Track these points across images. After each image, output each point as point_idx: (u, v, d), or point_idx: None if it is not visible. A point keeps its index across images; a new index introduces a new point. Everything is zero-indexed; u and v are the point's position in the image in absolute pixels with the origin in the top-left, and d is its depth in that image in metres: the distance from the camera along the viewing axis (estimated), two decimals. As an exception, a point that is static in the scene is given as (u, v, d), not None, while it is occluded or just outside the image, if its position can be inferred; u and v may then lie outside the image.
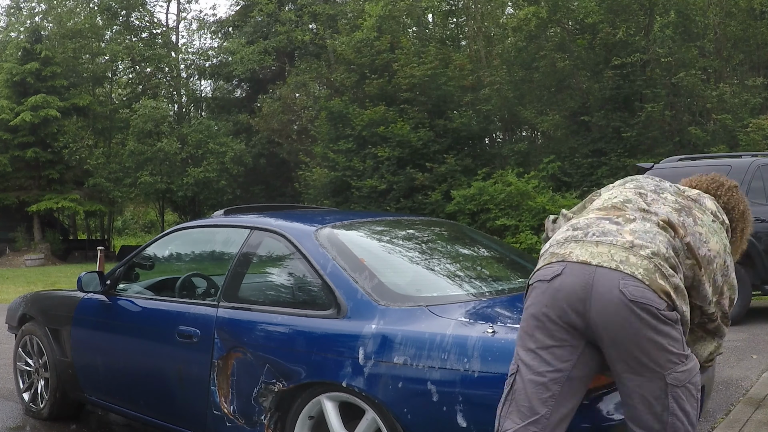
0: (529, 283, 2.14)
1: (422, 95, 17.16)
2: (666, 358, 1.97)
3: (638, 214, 2.15)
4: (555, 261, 2.07)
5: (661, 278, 1.98)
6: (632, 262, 1.98)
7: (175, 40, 27.71)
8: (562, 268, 2.03)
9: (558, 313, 2.00)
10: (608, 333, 1.96)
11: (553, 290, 2.02)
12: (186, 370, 3.19)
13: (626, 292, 1.94)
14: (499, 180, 15.18)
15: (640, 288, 1.94)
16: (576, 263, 2.02)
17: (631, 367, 1.99)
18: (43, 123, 23.76)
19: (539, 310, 2.03)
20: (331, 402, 2.66)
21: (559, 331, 2.00)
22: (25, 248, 24.63)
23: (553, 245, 2.17)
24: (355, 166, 17.15)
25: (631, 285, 1.95)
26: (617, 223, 2.12)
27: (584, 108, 15.60)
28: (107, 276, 3.87)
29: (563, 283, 2.01)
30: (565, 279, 2.01)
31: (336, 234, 3.09)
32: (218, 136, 23.76)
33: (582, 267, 2.01)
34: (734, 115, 14.00)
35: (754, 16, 15.65)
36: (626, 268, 1.97)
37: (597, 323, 1.96)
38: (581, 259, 2.02)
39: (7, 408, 4.55)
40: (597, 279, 1.97)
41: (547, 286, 2.04)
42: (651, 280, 1.96)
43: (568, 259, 2.04)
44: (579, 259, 2.02)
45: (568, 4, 15.73)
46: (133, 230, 44.42)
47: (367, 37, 18.02)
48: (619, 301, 1.94)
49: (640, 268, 1.97)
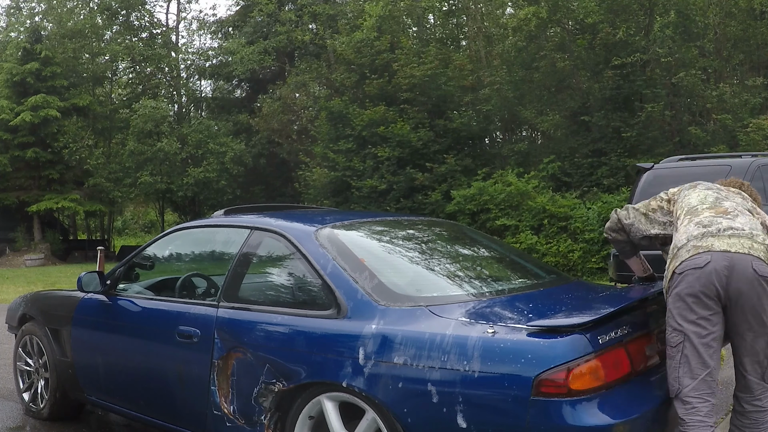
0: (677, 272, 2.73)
1: (422, 95, 17.15)
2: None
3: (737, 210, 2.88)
4: (702, 252, 2.71)
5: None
6: (756, 248, 2.70)
7: (175, 40, 27.70)
8: (710, 257, 2.68)
9: (711, 290, 2.65)
10: (744, 299, 2.64)
11: (707, 274, 2.66)
12: (186, 370, 3.19)
13: (758, 269, 2.65)
14: (499, 180, 15.17)
15: (764, 266, 2.66)
16: (719, 252, 2.69)
17: (752, 325, 2.68)
18: (43, 123, 23.75)
19: (696, 290, 2.66)
20: (331, 402, 2.66)
21: (712, 304, 2.66)
22: (25, 248, 24.61)
23: (692, 239, 2.80)
24: (355, 166, 17.15)
25: (760, 265, 2.66)
26: (729, 218, 2.83)
27: (584, 108, 15.59)
28: (107, 276, 3.87)
29: (714, 267, 2.66)
30: (715, 265, 2.66)
31: (336, 234, 3.09)
32: (218, 136, 23.75)
33: (724, 254, 2.68)
34: (734, 115, 13.99)
35: (754, 16, 15.64)
36: (754, 252, 2.68)
37: (735, 293, 2.64)
38: (722, 248, 2.70)
39: (7, 408, 4.55)
40: (735, 262, 2.66)
41: (701, 272, 2.68)
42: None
43: (713, 249, 2.71)
44: (721, 249, 2.69)
45: (568, 4, 15.72)
46: (133, 230, 44.38)
47: (367, 37, 18.01)
48: (753, 277, 2.64)
49: (761, 252, 2.70)
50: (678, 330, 2.68)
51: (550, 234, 13.79)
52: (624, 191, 13.43)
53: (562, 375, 2.24)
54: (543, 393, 2.24)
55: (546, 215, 13.91)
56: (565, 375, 2.24)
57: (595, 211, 13.35)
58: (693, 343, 2.65)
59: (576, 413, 2.24)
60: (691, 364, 2.64)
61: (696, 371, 2.64)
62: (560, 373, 2.24)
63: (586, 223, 13.29)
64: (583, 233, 13.26)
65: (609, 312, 2.47)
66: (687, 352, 2.65)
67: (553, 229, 13.79)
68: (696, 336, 2.65)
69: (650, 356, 2.70)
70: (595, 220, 13.17)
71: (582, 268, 13.08)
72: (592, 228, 13.13)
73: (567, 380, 2.24)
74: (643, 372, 2.62)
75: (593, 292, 3.26)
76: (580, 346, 2.32)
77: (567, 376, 2.24)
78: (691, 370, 2.64)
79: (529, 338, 2.34)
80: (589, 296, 3.14)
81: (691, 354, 2.65)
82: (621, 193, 13.52)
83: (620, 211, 3.20)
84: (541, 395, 2.24)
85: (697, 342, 2.65)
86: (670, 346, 2.69)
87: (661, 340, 2.78)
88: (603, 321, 2.44)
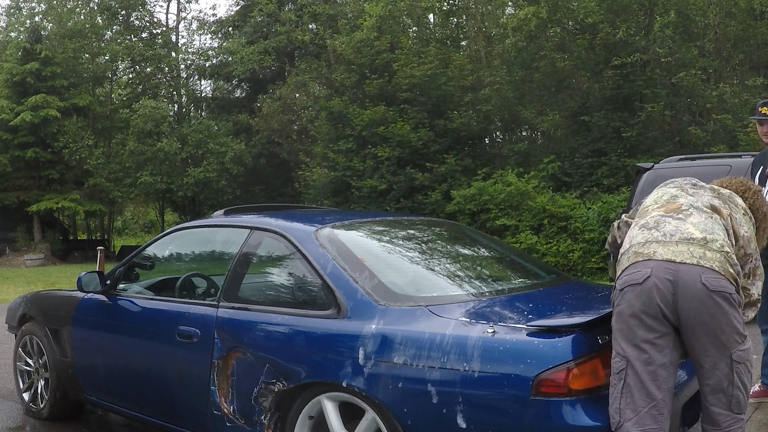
0: (617, 287, 2.41)
1: (422, 95, 17.15)
2: (733, 338, 2.34)
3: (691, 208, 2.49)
4: (641, 260, 2.38)
5: (731, 267, 2.36)
6: (709, 257, 2.34)
7: (175, 40, 27.70)
8: (650, 269, 2.34)
9: (653, 309, 2.31)
10: (694, 319, 2.30)
11: (647, 291, 2.32)
12: (186, 370, 3.19)
13: (707, 284, 2.29)
14: (499, 180, 15.17)
15: (718, 278, 2.30)
16: (662, 261, 2.34)
17: (708, 348, 2.33)
18: (43, 123, 23.75)
19: (637, 310, 2.33)
20: (331, 402, 2.66)
21: (656, 325, 2.32)
22: (25, 248, 24.61)
23: (634, 245, 2.46)
24: (355, 166, 17.15)
25: (711, 278, 2.30)
26: (679, 218, 2.46)
27: (584, 108, 15.59)
28: (107, 276, 3.87)
29: (654, 282, 2.32)
30: (655, 279, 2.32)
31: (336, 234, 3.09)
32: (218, 136, 23.75)
33: (668, 264, 2.33)
34: (734, 115, 13.99)
35: (754, 16, 15.63)
36: (705, 263, 2.32)
37: (684, 312, 2.30)
38: (666, 257, 2.35)
39: (7, 408, 4.55)
40: (681, 275, 2.31)
41: (640, 289, 2.33)
42: (725, 270, 2.33)
43: (654, 257, 2.36)
44: (664, 258, 2.35)
45: (568, 4, 15.71)
46: (133, 230, 44.38)
47: (367, 37, 18.01)
48: (702, 292, 2.28)
49: (716, 262, 2.33)
50: (621, 355, 2.34)
51: (550, 234, 13.79)
52: (624, 191, 13.42)
53: (562, 375, 2.24)
54: (543, 393, 2.24)
55: (546, 215, 13.91)
56: (565, 375, 2.24)
57: (595, 211, 13.35)
58: (636, 370, 2.31)
59: (576, 413, 2.24)
60: (633, 395, 2.30)
61: (639, 403, 2.29)
62: (560, 373, 2.24)
63: (586, 223, 13.29)
64: (583, 233, 13.26)
65: (609, 312, 2.47)
66: (630, 380, 2.30)
67: (553, 229, 13.79)
68: (640, 362, 2.31)
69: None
70: (595, 220, 13.17)
71: (582, 268, 13.08)
72: (592, 228, 13.13)
73: (567, 380, 2.24)
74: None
75: (593, 292, 3.26)
76: (580, 346, 2.32)
77: (567, 375, 2.24)
78: (633, 402, 2.29)
79: (529, 338, 2.34)
80: (589, 296, 3.14)
81: (634, 383, 2.30)
82: (621, 193, 13.52)
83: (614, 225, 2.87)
84: (541, 395, 2.24)
85: (641, 369, 2.30)
86: (614, 372, 2.35)
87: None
88: (603, 321, 2.44)
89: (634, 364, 2.31)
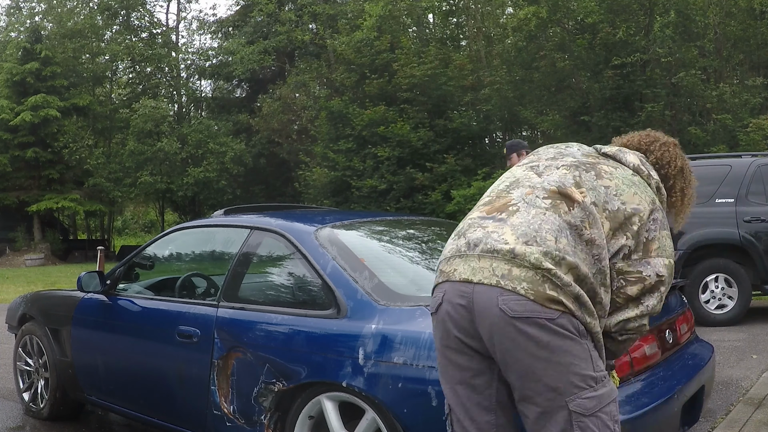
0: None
1: (422, 95, 17.16)
2: (567, 380, 1.72)
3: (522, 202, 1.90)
4: (441, 281, 1.90)
5: (551, 288, 1.74)
6: (515, 276, 1.75)
7: (175, 40, 27.73)
8: (443, 293, 1.87)
9: (454, 342, 1.85)
10: (499, 355, 1.78)
11: (441, 321, 1.87)
12: (186, 369, 3.19)
13: (506, 309, 1.73)
14: (499, 180, 15.17)
15: (522, 302, 1.73)
16: (457, 282, 1.84)
17: (527, 395, 1.77)
18: (43, 123, 23.77)
19: (440, 344, 1.90)
20: (331, 402, 2.66)
21: (465, 361, 1.85)
22: (25, 248, 24.62)
23: (441, 260, 1.96)
24: (355, 166, 17.16)
25: (511, 301, 1.74)
26: (500, 219, 1.87)
27: (584, 108, 15.59)
28: (107, 276, 3.87)
29: (446, 310, 1.85)
30: (448, 307, 1.84)
31: (336, 234, 3.09)
32: (218, 136, 23.77)
33: (462, 286, 1.82)
34: (734, 115, 13.99)
35: (754, 16, 15.63)
36: (507, 283, 1.75)
37: (488, 344, 1.79)
38: (463, 277, 1.83)
39: (7, 408, 4.55)
40: (476, 298, 1.79)
41: (436, 320, 1.90)
42: (536, 292, 1.74)
43: (452, 278, 1.86)
44: (461, 278, 1.83)
45: (568, 4, 15.72)
46: (133, 230, 44.40)
47: (367, 37, 18.02)
48: (500, 319, 1.74)
49: (523, 282, 1.74)
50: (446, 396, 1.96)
51: (550, 234, 13.76)
52: (624, 191, 13.40)
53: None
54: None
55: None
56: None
57: (595, 211, 13.33)
58: (458, 416, 1.89)
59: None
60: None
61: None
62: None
63: (586, 223, 13.27)
64: (583, 233, 13.24)
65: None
66: (455, 427, 1.92)
67: (553, 229, 13.77)
68: (458, 407, 1.89)
69: (651, 356, 2.70)
70: (595, 220, 13.15)
71: (582, 268, 13.06)
72: (592, 228, 13.11)
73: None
74: (643, 371, 2.62)
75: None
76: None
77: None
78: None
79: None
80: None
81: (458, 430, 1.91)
82: (621, 193, 13.50)
83: None
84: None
85: (461, 416, 1.88)
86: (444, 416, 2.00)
87: (662, 339, 2.77)
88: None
89: (455, 410, 1.90)
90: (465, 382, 1.86)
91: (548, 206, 1.86)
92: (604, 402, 1.76)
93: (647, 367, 2.66)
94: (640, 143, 2.21)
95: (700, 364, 2.98)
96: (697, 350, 3.15)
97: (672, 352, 2.87)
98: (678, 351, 2.94)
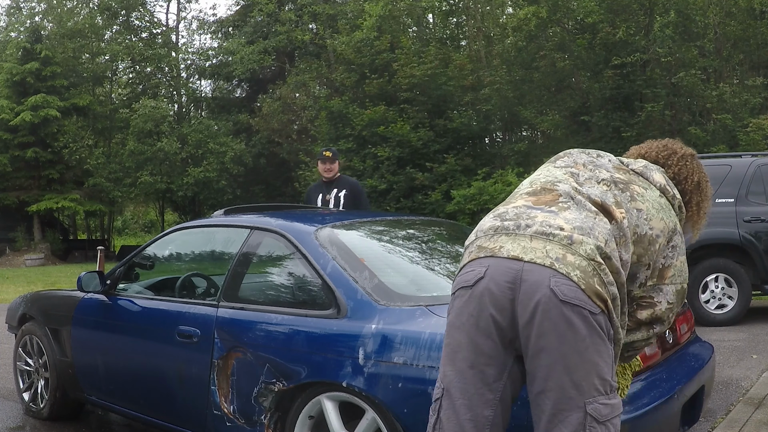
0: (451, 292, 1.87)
1: (422, 95, 17.17)
2: (590, 380, 1.69)
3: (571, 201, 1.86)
4: (482, 256, 1.80)
5: (599, 283, 1.72)
6: (569, 261, 1.71)
7: (175, 40, 27.73)
8: (485, 268, 1.77)
9: (485, 322, 1.74)
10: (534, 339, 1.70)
11: (478, 296, 1.76)
12: (186, 369, 3.19)
13: (557, 291, 1.68)
14: (499, 180, 15.18)
15: (574, 288, 1.68)
16: (505, 259, 1.75)
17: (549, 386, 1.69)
18: (43, 123, 23.76)
19: (466, 320, 1.78)
20: (331, 402, 2.66)
21: (488, 345, 1.75)
22: (25, 248, 24.62)
23: (480, 237, 1.86)
24: (355, 166, 17.16)
25: (563, 284, 1.69)
26: (551, 211, 1.82)
27: (584, 108, 15.60)
28: (107, 276, 3.87)
29: (488, 285, 1.74)
30: (490, 282, 1.74)
31: (336, 234, 3.09)
32: (218, 136, 23.77)
33: (511, 263, 1.74)
34: (734, 115, 14.00)
35: (754, 16, 15.64)
36: (562, 267, 1.70)
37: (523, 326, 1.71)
38: (512, 254, 1.75)
39: (7, 408, 4.55)
40: (525, 276, 1.71)
41: (470, 294, 1.77)
42: (587, 283, 1.71)
43: (498, 254, 1.77)
44: (510, 255, 1.75)
45: (568, 4, 15.73)
46: (133, 230, 44.42)
47: (367, 37, 18.03)
48: (549, 300, 1.67)
49: (577, 269, 1.70)
50: (440, 380, 1.85)
51: (550, 234, 13.77)
52: (624, 191, 13.41)
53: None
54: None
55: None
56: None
57: (595, 211, 13.35)
58: (453, 403, 1.78)
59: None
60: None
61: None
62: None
63: (586, 223, 13.28)
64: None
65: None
66: (444, 414, 1.80)
67: (553, 229, 13.78)
68: (459, 394, 1.78)
69: (651, 356, 2.70)
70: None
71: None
72: (592, 228, 13.12)
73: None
74: (643, 371, 2.62)
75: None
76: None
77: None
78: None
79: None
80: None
81: (447, 418, 1.79)
82: (621, 193, 13.51)
83: None
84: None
85: (459, 403, 1.77)
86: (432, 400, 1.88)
87: (662, 339, 2.76)
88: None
89: (452, 394, 1.79)
90: (477, 368, 1.76)
91: (597, 212, 1.84)
92: (615, 413, 1.75)
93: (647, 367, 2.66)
94: (657, 156, 2.18)
95: (700, 364, 2.98)
96: (697, 350, 3.15)
97: (672, 352, 2.87)
98: (678, 351, 2.94)
